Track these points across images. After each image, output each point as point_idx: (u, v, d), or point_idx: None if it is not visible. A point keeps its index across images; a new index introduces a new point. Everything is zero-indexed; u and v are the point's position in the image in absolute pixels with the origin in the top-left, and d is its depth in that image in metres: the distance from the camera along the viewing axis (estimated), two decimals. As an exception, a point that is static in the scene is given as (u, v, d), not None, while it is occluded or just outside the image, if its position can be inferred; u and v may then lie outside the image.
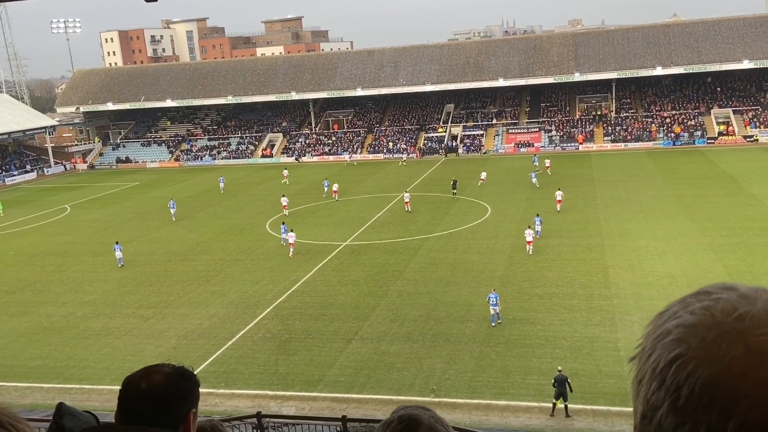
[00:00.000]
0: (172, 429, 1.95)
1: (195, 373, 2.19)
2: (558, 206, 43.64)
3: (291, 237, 37.94)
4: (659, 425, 0.99)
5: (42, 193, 69.06)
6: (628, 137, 73.40)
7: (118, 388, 2.08)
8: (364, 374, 22.99)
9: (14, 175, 79.91)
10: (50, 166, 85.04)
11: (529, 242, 35.05)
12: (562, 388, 19.60)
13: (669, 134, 72.66)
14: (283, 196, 50.28)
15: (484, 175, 55.70)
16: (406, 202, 47.18)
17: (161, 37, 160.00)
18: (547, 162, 60.02)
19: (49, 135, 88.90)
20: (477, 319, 26.84)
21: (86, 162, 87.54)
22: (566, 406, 19.70)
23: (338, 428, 12.75)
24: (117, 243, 38.72)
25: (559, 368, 20.33)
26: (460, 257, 35.38)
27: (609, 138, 74.05)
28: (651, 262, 32.39)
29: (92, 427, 2.02)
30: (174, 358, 2.32)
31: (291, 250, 37.62)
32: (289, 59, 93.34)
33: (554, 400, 19.74)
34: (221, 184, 61.71)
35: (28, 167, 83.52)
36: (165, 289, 33.39)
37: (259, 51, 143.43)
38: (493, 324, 25.93)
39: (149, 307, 31.01)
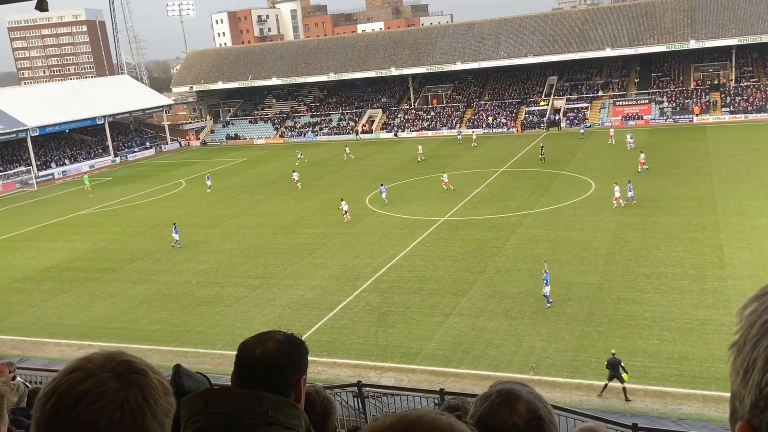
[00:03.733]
0: (284, 394, 2.03)
1: (304, 340, 2.31)
2: (639, 167, 45.84)
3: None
4: None
5: (160, 168, 73.55)
6: (749, 108, 68.11)
7: (230, 353, 2.26)
8: (461, 349, 23.10)
9: (135, 152, 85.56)
10: (167, 143, 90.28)
11: (616, 198, 37.73)
12: (615, 371, 19.37)
13: (797, 104, 66.76)
14: (294, 171, 54.57)
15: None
16: (445, 182, 46.53)
17: (267, 17, 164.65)
18: (642, 157, 47.85)
19: (166, 113, 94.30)
20: (578, 298, 26.20)
21: (199, 139, 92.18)
22: (624, 389, 19.46)
23: (436, 401, 12.97)
24: (174, 225, 39.73)
25: (613, 351, 20.11)
26: (562, 234, 34.48)
27: (727, 109, 69.06)
28: (772, 242, 30.19)
29: (213, 388, 2.16)
30: (280, 327, 2.47)
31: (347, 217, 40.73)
32: (389, 35, 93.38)
33: (607, 381, 19.62)
34: (300, 156, 66.61)
35: (148, 144, 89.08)
36: (271, 261, 34.86)
37: (360, 27, 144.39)
38: (548, 304, 25.38)
39: (256, 277, 32.53)
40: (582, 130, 66.28)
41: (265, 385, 2.01)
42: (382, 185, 45.94)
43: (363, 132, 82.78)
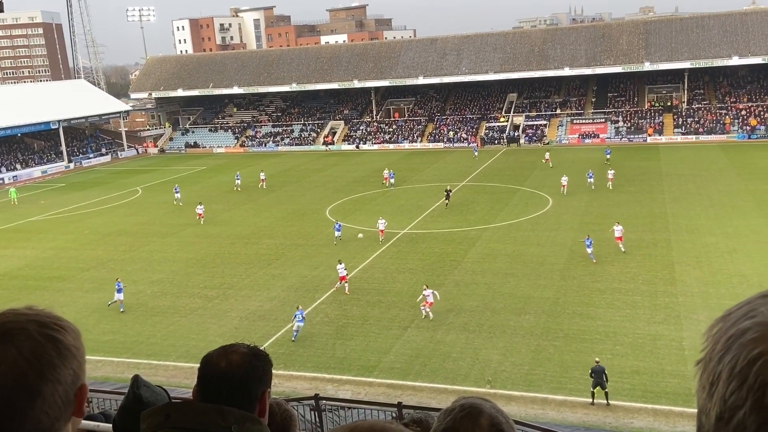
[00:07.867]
0: (248, 408, 1.99)
1: (267, 353, 2.27)
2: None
3: (381, 224, 38.01)
4: (740, 424, 0.97)
5: (116, 175, 71.96)
6: (700, 129, 70.56)
7: (184, 364, 2.21)
8: (419, 362, 23.14)
9: (90, 158, 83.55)
10: (124, 150, 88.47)
11: (618, 238, 33.03)
12: (599, 378, 19.89)
13: (744, 127, 69.41)
14: (200, 204, 46.71)
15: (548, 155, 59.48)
16: (381, 231, 38.10)
17: (230, 25, 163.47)
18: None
19: (123, 120, 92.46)
20: (535, 311, 26.55)
21: (157, 146, 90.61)
22: (606, 394, 19.91)
23: (394, 414, 12.93)
24: (118, 281, 30.48)
25: (597, 359, 20.69)
26: (519, 249, 34.98)
27: (679, 130, 71.37)
28: (721, 260, 31.21)
29: (175, 402, 2.10)
30: (236, 338, 2.44)
31: (382, 236, 37.56)
32: (352, 47, 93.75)
33: (592, 389, 20.07)
34: (237, 181, 57.48)
35: (104, 150, 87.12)
36: (228, 271, 34.38)
37: (324, 39, 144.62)
38: (294, 339, 25.24)
39: (213, 287, 32.02)
40: (608, 155, 59.57)
41: (229, 398, 1.97)
42: (337, 222, 39.39)
43: (325, 143, 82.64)
